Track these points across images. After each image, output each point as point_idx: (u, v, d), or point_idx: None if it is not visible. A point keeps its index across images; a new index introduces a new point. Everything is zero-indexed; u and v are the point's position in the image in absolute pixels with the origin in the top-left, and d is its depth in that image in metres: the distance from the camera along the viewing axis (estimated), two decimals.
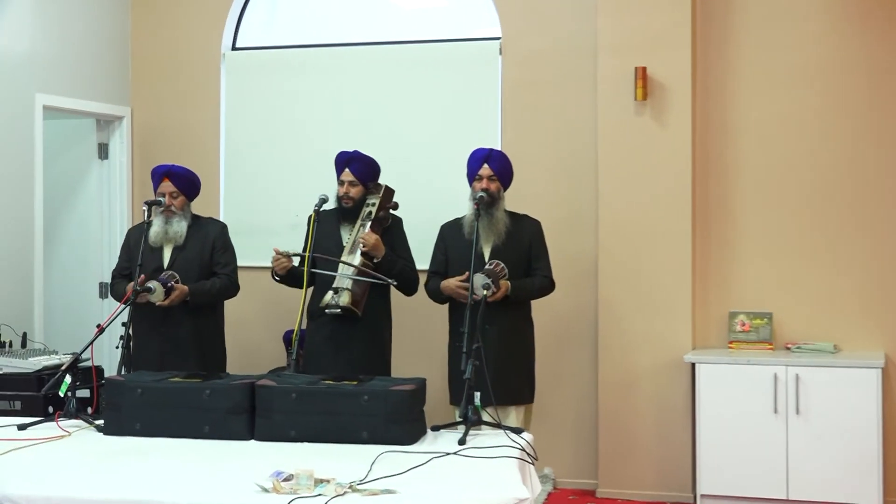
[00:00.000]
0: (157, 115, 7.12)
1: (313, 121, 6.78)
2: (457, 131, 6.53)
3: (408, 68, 6.68)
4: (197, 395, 4.17)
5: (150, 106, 7.13)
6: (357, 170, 5.46)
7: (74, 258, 7.05)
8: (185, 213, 5.58)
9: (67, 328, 6.87)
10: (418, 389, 4.16)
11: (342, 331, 5.34)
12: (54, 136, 6.88)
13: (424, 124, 6.62)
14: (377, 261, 5.29)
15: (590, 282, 6.29)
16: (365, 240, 5.26)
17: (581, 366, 6.35)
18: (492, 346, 5.03)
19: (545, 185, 6.39)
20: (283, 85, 6.88)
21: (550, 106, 6.43)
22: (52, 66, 6.56)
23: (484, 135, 6.41)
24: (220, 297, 5.61)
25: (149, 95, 7.14)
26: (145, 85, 7.14)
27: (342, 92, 6.76)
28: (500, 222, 5.30)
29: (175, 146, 6.92)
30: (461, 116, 6.56)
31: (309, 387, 4.12)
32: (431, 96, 6.62)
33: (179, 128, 7.04)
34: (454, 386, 5.30)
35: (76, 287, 7.03)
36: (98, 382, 5.32)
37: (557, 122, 6.41)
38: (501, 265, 5.19)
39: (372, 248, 5.27)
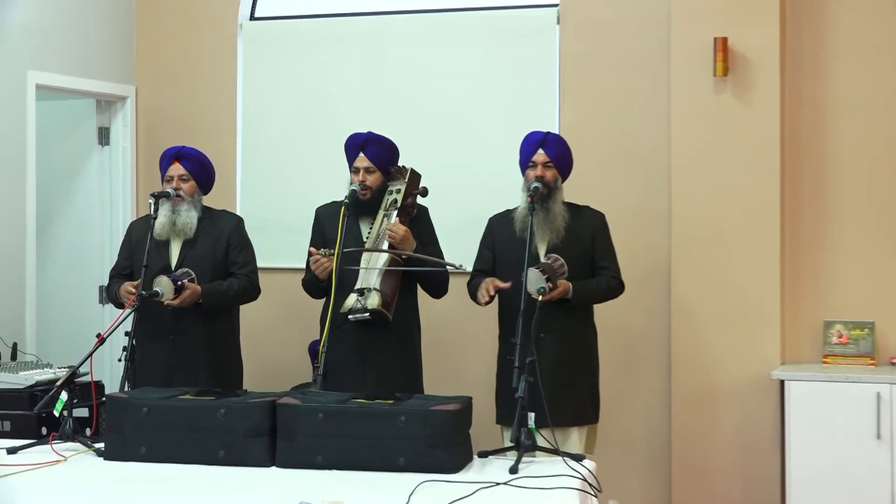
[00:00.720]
0: (164, 95, 7.16)
1: (343, 101, 6.80)
2: (507, 113, 6.53)
3: (450, 40, 6.68)
4: (210, 415, 4.18)
5: (156, 85, 7.17)
6: (374, 153, 5.41)
7: (71, 258, 7.11)
8: (195, 202, 5.58)
9: (63, 338, 6.92)
10: (463, 409, 4.16)
11: (369, 340, 5.30)
12: (48, 120, 6.94)
13: (469, 105, 6.62)
14: (406, 256, 5.25)
15: (661, 285, 6.27)
16: (393, 231, 5.20)
17: (652, 382, 6.33)
18: (548, 358, 5.02)
19: (609, 174, 6.38)
20: (308, 60, 6.91)
21: (615, 83, 6.40)
22: (46, 40, 6.61)
23: (538, 116, 6.40)
24: (237, 300, 5.62)
25: (155, 73, 7.18)
26: (151, 61, 7.18)
27: (375, 68, 6.78)
28: (558, 216, 5.27)
29: (185, 131, 6.96)
30: (512, 96, 6.55)
31: (338, 406, 4.12)
32: (477, 73, 6.62)
33: (190, 110, 7.08)
34: (504, 404, 5.29)
35: (73, 291, 7.08)
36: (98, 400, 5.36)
37: (623, 102, 6.39)
38: (561, 261, 5.15)
39: (401, 242, 5.22)
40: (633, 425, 6.35)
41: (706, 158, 6.13)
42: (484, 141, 6.57)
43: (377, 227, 5.32)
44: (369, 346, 5.31)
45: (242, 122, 7.02)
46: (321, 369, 4.78)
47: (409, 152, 5.65)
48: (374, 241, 5.28)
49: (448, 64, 6.68)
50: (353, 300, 5.19)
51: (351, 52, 6.83)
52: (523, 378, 4.33)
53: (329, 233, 5.39)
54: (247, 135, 7.00)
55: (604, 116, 6.43)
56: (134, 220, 6.12)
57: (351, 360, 5.31)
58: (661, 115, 6.28)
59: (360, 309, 5.16)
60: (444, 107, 6.66)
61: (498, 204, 5.59)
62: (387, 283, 5.21)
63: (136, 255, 5.57)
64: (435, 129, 6.61)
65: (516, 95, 6.55)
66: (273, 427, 4.17)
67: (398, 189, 5.35)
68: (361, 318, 5.17)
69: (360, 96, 6.78)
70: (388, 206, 5.35)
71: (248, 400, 4.24)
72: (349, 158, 5.47)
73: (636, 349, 6.35)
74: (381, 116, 6.54)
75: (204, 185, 5.67)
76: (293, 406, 4.15)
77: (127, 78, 7.16)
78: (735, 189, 6.08)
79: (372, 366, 5.31)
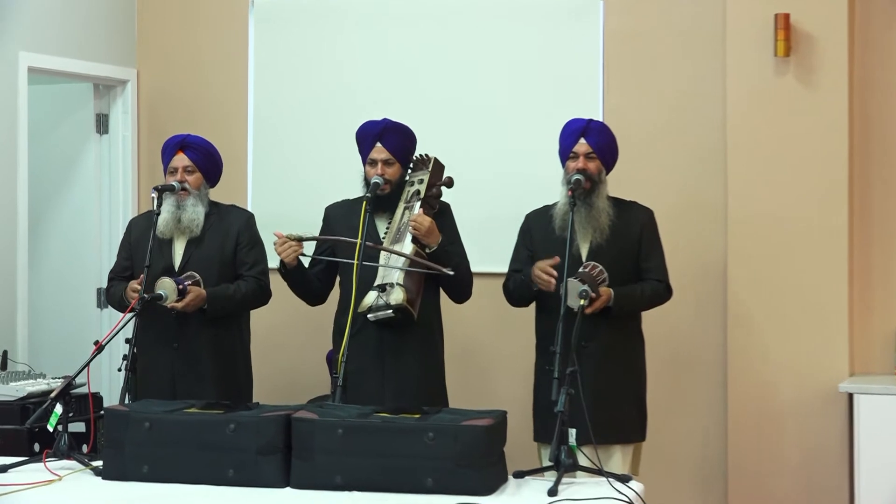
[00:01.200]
0: (168, 79, 7.18)
1: (366, 86, 6.80)
2: (544, 99, 6.52)
3: (479, 19, 6.68)
4: (219, 431, 4.18)
5: (160, 68, 7.19)
6: (393, 143, 5.38)
7: (67, 258, 7.13)
8: (201, 196, 5.59)
9: (58, 345, 6.94)
10: (497, 425, 4.15)
11: (390, 344, 5.29)
12: (42, 106, 6.97)
13: (501, 90, 6.61)
14: (431, 250, 5.23)
15: (716, 290, 6.26)
16: (417, 222, 5.19)
17: (706, 395, 6.31)
18: (591, 369, 5.02)
19: (658, 166, 6.37)
20: (326, 41, 6.91)
21: (665, 64, 6.39)
22: (38, 19, 6.63)
23: (579, 102, 6.39)
24: (245, 305, 5.62)
25: (159, 54, 7.20)
26: (155, 42, 7.21)
27: (398, 49, 6.78)
28: (602, 212, 5.27)
29: (191, 118, 6.97)
30: (549, 79, 6.54)
31: (359, 421, 4.12)
32: (511, 54, 6.61)
33: (197, 95, 7.10)
34: (541, 419, 5.29)
35: (69, 294, 7.11)
36: (95, 413, 5.38)
37: (674, 86, 6.38)
38: (599, 268, 5.16)
39: (426, 234, 5.20)
40: (684, 444, 6.33)
41: (766, 148, 6.10)
42: (518, 130, 6.56)
43: (397, 221, 5.31)
44: (390, 351, 5.31)
45: (254, 108, 7.02)
46: (340, 380, 4.77)
47: (432, 143, 5.64)
48: (394, 236, 5.28)
49: (477, 45, 6.66)
50: (372, 297, 5.17)
51: (373, 32, 6.83)
52: (563, 390, 4.31)
53: (339, 232, 5.38)
54: (259, 123, 7.01)
55: (652, 102, 6.41)
56: (134, 217, 6.14)
57: (372, 369, 5.30)
58: (716, 101, 6.26)
59: (382, 306, 5.14)
60: (472, 92, 6.65)
61: (534, 200, 5.58)
62: (411, 279, 5.19)
63: (136, 255, 5.58)
64: (462, 117, 6.61)
65: (554, 79, 6.53)
66: (288, 444, 4.16)
67: (420, 179, 5.35)
68: (384, 316, 5.15)
69: (384, 82, 6.78)
70: (409, 197, 5.34)
71: (260, 414, 4.23)
72: (364, 149, 5.45)
73: (688, 360, 6.34)
74: (402, 103, 6.53)
75: (211, 177, 5.67)
76: (310, 421, 4.14)
77: (127, 60, 7.18)
78: (798, 182, 6.06)
79: (392, 374, 5.30)
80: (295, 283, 5.46)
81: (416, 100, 6.64)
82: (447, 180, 5.37)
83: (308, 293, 5.55)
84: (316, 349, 6.53)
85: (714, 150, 6.28)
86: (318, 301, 5.62)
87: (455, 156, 5.80)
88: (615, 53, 6.46)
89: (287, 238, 5.24)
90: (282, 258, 5.29)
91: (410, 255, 5.14)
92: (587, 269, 5.13)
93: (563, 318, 4.68)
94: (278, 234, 5.28)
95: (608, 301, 5.13)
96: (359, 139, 5.49)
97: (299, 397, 6.21)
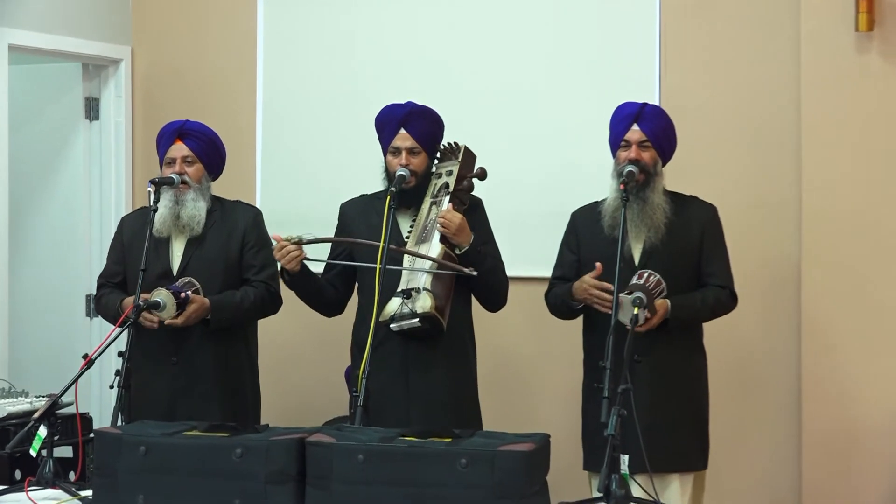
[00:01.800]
0: (167, 58, 7.21)
1: (388, 67, 6.83)
2: (592, 80, 6.53)
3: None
4: (224, 456, 4.18)
5: (157, 46, 7.23)
6: (419, 130, 5.38)
7: (52, 260, 7.17)
8: (202, 190, 5.60)
9: (42, 360, 6.98)
10: (539, 450, 4.14)
11: (417, 358, 5.30)
12: (24, 89, 7.00)
13: (541, 71, 6.62)
14: (461, 251, 5.24)
15: (788, 298, 6.26)
16: (446, 219, 5.19)
17: (776, 417, 6.31)
18: (646, 387, 5.01)
19: (722, 156, 6.37)
20: (346, 15, 6.95)
21: (731, 40, 6.39)
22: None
23: (632, 84, 6.39)
24: (253, 314, 5.65)
25: (156, 31, 7.23)
26: (152, 16, 7.24)
27: (427, 26, 6.81)
28: (658, 208, 5.26)
29: (192, 103, 7.01)
30: (598, 58, 6.55)
31: (383, 446, 4.12)
32: (553, 29, 6.62)
33: (199, 77, 7.14)
34: (590, 444, 5.30)
35: (54, 301, 7.15)
36: (84, 436, 5.40)
37: (741, 64, 6.37)
38: (657, 278, 5.15)
39: (456, 233, 5.20)
40: (751, 473, 6.33)
41: (846, 135, 6.09)
42: (560, 115, 6.56)
43: (423, 219, 5.32)
44: (415, 367, 5.32)
45: (263, 92, 7.06)
46: (361, 399, 4.76)
47: (461, 131, 5.64)
48: (419, 235, 5.28)
49: (513, 18, 6.67)
50: (396, 304, 5.18)
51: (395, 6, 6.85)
52: (614, 411, 4.30)
53: (355, 233, 5.39)
54: (269, 108, 7.04)
55: (715, 83, 6.40)
56: (126, 215, 6.15)
57: (396, 386, 5.32)
58: (789, 81, 6.25)
59: (407, 314, 5.14)
60: (507, 72, 6.66)
61: (580, 195, 5.58)
62: (440, 283, 5.19)
63: (130, 257, 5.61)
64: (495, 101, 6.62)
65: (603, 56, 6.53)
66: (301, 471, 4.16)
67: (449, 171, 5.36)
68: (409, 326, 5.15)
69: (406, 61, 6.81)
70: (436, 191, 5.36)
71: (270, 437, 4.23)
72: (385, 137, 5.45)
73: (756, 377, 6.34)
74: (428, 85, 6.54)
75: (213, 168, 5.69)
76: (326, 445, 4.14)
77: (121, 37, 7.21)
78: (883, 175, 6.05)
79: (419, 392, 5.31)
80: (304, 292, 5.46)
81: (444, 81, 6.67)
82: (479, 172, 5.37)
83: (321, 303, 5.56)
84: (333, 364, 6.56)
85: (786, 136, 6.27)
86: (335, 311, 5.62)
87: (488, 144, 5.81)
88: (674, 28, 6.45)
89: (286, 242, 5.23)
90: (282, 265, 5.29)
91: (437, 259, 5.14)
92: (642, 279, 5.12)
93: (613, 330, 4.66)
94: (276, 237, 5.28)
95: (665, 315, 5.13)
96: (379, 125, 5.48)
97: (314, 419, 6.22)
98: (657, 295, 5.12)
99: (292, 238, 5.20)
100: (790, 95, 6.25)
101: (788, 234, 6.25)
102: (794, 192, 6.24)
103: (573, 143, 6.44)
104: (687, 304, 5.23)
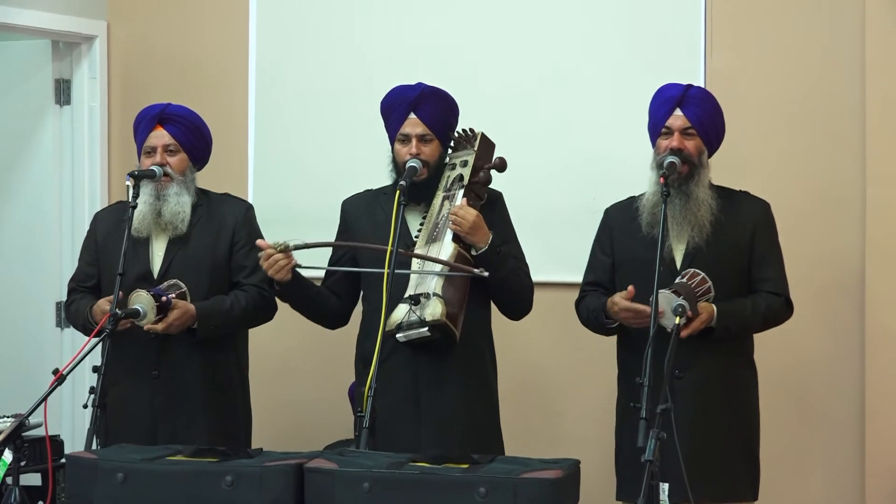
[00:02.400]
0: (147, 35, 7.23)
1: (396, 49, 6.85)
2: (628, 58, 6.55)
3: None
4: (212, 484, 4.19)
5: (137, 21, 7.25)
6: (430, 114, 5.39)
7: (18, 263, 7.20)
8: (186, 183, 5.61)
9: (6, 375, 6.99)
10: (568, 478, 4.14)
11: (428, 372, 5.31)
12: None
13: (571, 48, 6.64)
14: (479, 251, 5.24)
15: (851, 307, 6.27)
16: (458, 216, 5.19)
17: (836, 443, 6.31)
18: (688, 407, 5.04)
19: (776, 146, 6.38)
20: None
21: (785, 17, 6.39)
22: None
23: (675, 64, 6.41)
24: (244, 322, 5.66)
25: (135, 4, 7.25)
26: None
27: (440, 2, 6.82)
28: (703, 204, 5.27)
29: (177, 85, 7.04)
30: (636, 34, 6.56)
31: (391, 472, 4.13)
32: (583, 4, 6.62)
33: (184, 57, 7.16)
34: (625, 471, 5.30)
35: (20, 309, 7.17)
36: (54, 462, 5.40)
37: (797, 44, 6.38)
38: (701, 276, 5.17)
39: (470, 231, 5.20)
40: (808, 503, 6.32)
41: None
42: (592, 99, 6.58)
43: (434, 215, 5.32)
44: (427, 384, 5.32)
45: (256, 74, 7.09)
46: (366, 420, 4.77)
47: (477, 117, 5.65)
48: (430, 234, 5.29)
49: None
50: (403, 312, 5.18)
51: None
52: (653, 434, 4.31)
53: (358, 233, 5.42)
54: (263, 92, 7.06)
55: (768, 64, 6.41)
56: (100, 211, 6.13)
57: (406, 405, 5.33)
58: (851, 63, 6.27)
59: (415, 322, 5.14)
60: (531, 50, 6.67)
61: (614, 190, 5.60)
62: (452, 287, 5.19)
63: (104, 258, 5.62)
64: (516, 83, 6.64)
65: (642, 33, 6.54)
66: (300, 501, 4.17)
67: (464, 161, 5.36)
68: (417, 336, 5.15)
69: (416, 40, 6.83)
70: (449, 184, 5.36)
71: (264, 463, 4.24)
72: (393, 123, 5.45)
73: (814, 396, 6.34)
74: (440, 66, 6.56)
75: (198, 157, 5.70)
76: (328, 472, 4.15)
77: (95, 11, 7.22)
78: None
79: (432, 412, 5.31)
80: (298, 303, 5.47)
81: (457, 61, 6.68)
82: (498, 162, 5.37)
83: (321, 314, 5.57)
84: (334, 380, 6.58)
85: (848, 125, 6.28)
86: (339, 322, 5.63)
87: (508, 131, 5.83)
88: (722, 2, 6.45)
89: (273, 249, 5.22)
90: (269, 275, 5.28)
91: (444, 260, 5.14)
92: (686, 277, 5.13)
93: (652, 342, 4.66)
94: (262, 243, 5.28)
95: (709, 321, 5.13)
96: (386, 110, 5.48)
97: (313, 442, 6.23)
98: (702, 297, 5.12)
99: (278, 244, 5.20)
100: (853, 77, 6.26)
101: (851, 232, 6.26)
102: (857, 185, 6.25)
103: (607, 130, 6.45)
104: (735, 311, 5.23)
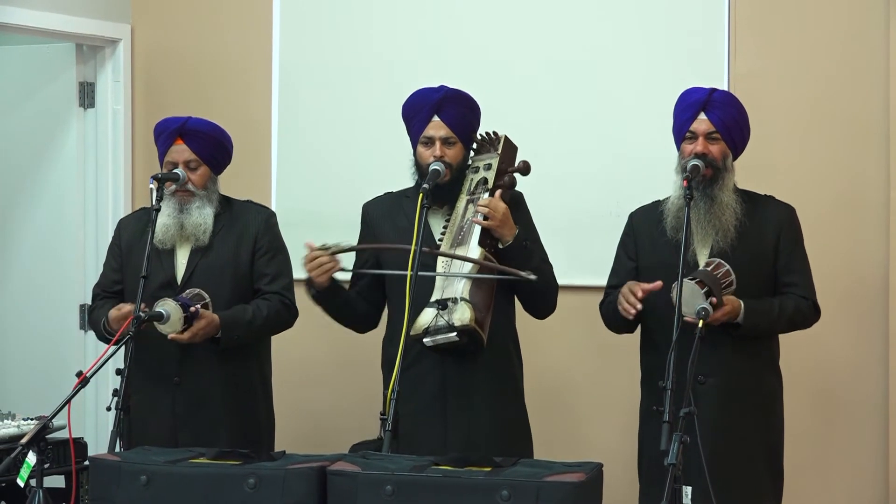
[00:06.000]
0: (171, 38, 7.23)
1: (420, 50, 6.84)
2: (652, 62, 6.53)
3: None
4: (235, 487, 4.20)
5: (161, 24, 7.25)
6: (454, 116, 5.37)
7: (42, 267, 7.19)
8: (209, 195, 5.62)
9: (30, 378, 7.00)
10: (591, 481, 4.14)
11: (455, 377, 5.30)
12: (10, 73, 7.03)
13: (594, 51, 6.62)
14: (505, 244, 5.23)
15: (875, 311, 6.25)
16: (490, 208, 5.16)
17: (860, 447, 6.30)
18: (712, 411, 5.03)
19: (800, 150, 6.36)
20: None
21: (810, 18, 6.37)
22: None
23: (699, 67, 6.39)
24: (267, 331, 5.68)
25: (159, 8, 7.25)
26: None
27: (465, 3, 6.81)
28: (727, 208, 5.26)
29: (200, 89, 7.03)
30: (660, 38, 6.55)
31: (414, 475, 4.12)
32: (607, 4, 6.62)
33: (207, 61, 7.15)
34: (648, 475, 5.30)
35: (44, 313, 7.16)
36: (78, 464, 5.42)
37: (822, 45, 6.35)
38: (726, 268, 5.14)
39: (499, 224, 5.19)
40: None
41: None
42: (615, 102, 6.56)
43: (458, 219, 5.31)
44: (454, 388, 5.32)
45: (280, 79, 7.06)
46: (389, 423, 4.77)
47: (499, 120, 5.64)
48: (454, 237, 5.27)
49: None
50: (429, 316, 5.16)
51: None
52: (676, 438, 4.30)
53: (381, 236, 5.42)
54: (286, 96, 7.05)
55: (791, 68, 6.39)
56: (124, 217, 6.12)
57: (431, 409, 5.33)
58: (875, 66, 6.24)
59: (442, 327, 5.12)
60: (554, 53, 6.65)
61: (638, 194, 5.60)
62: (479, 291, 5.18)
63: (129, 263, 5.63)
64: (539, 86, 6.62)
65: (666, 36, 6.52)
66: None
67: (487, 164, 5.36)
68: (445, 341, 5.14)
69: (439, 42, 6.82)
70: (473, 187, 5.35)
71: (287, 466, 4.25)
72: (415, 125, 5.43)
73: (838, 400, 6.32)
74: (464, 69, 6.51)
75: (220, 167, 5.70)
76: (351, 475, 4.15)
77: (119, 14, 7.22)
78: None
79: (460, 416, 5.31)
80: (332, 307, 5.47)
81: (481, 64, 6.67)
82: (522, 165, 5.37)
83: (352, 318, 5.58)
84: (358, 385, 6.58)
85: (873, 128, 6.25)
86: (368, 326, 5.64)
87: (530, 135, 5.80)
88: (745, 3, 6.44)
89: (321, 251, 5.24)
90: (311, 277, 5.30)
91: (479, 260, 5.14)
92: (710, 267, 5.12)
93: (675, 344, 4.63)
94: (310, 244, 5.29)
95: (736, 314, 5.11)
96: (409, 113, 5.47)
97: (336, 445, 6.22)
98: (726, 288, 5.10)
99: (327, 246, 5.22)
100: (877, 80, 6.24)
101: (875, 235, 6.25)
102: (881, 188, 6.22)
103: (631, 134, 6.43)
104: (762, 308, 5.22)
